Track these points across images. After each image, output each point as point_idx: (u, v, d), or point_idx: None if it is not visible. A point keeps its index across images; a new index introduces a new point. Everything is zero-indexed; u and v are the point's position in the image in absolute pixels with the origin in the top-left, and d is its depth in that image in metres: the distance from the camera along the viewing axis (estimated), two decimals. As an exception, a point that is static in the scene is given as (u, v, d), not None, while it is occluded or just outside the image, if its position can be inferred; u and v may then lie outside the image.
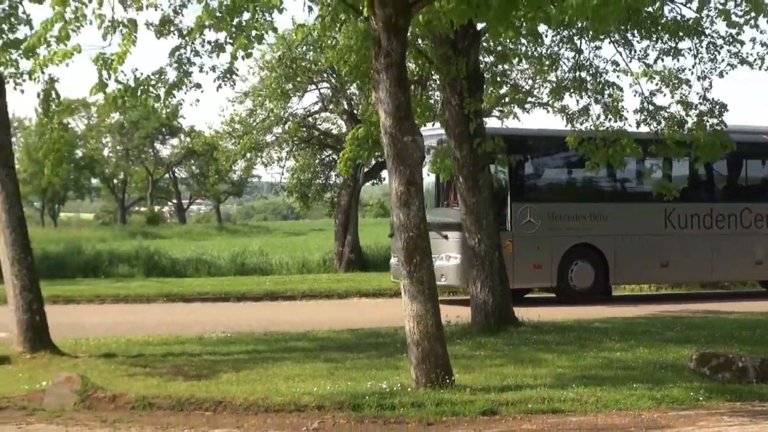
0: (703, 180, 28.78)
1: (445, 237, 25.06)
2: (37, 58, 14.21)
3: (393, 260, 27.80)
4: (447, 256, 25.06)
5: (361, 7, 13.44)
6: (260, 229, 74.06)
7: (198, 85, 15.20)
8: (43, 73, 15.47)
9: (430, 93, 28.09)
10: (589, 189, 27.47)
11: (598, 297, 26.15)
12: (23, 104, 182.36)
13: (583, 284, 26.25)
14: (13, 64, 16.01)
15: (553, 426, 11.04)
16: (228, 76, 15.81)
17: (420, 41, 19.37)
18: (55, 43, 13.82)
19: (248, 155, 40.65)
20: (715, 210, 27.72)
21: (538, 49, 20.46)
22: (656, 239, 27.04)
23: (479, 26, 18.11)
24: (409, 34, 14.09)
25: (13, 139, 18.37)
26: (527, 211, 24.88)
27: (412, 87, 19.02)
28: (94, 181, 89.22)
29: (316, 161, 41.69)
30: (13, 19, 16.67)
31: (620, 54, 19.98)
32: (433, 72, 20.79)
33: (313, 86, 39.75)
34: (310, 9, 16.17)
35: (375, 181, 43.21)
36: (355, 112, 36.73)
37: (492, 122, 30.41)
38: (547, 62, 20.86)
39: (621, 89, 20.06)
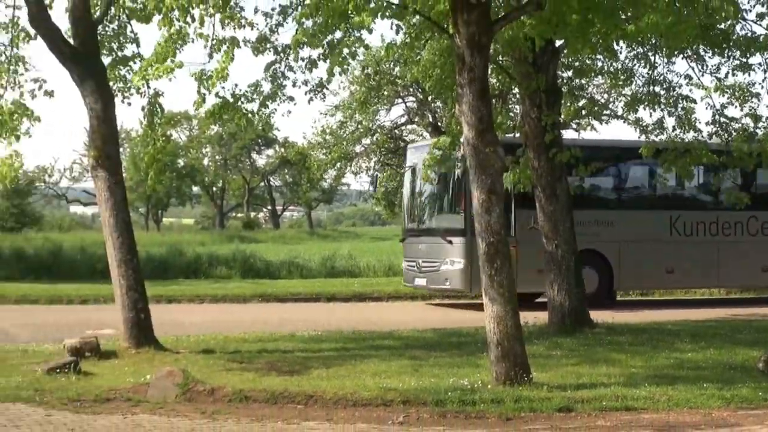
0: (710, 188, 27.68)
1: (450, 242, 24.75)
2: (143, 73, 14.46)
3: (404, 264, 27.56)
4: (451, 260, 24.71)
5: (445, 25, 13.45)
6: (349, 234, 74.23)
7: (291, 98, 15.33)
8: (148, 87, 15.76)
9: (509, 106, 28.02)
10: (593, 196, 26.56)
11: (602, 302, 25.19)
12: (129, 116, 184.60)
13: (588, 289, 25.41)
14: (121, 79, 16.26)
15: (626, 423, 10.94)
16: (318, 90, 15.88)
17: (501, 57, 19.31)
18: (161, 60, 14.08)
19: (338, 165, 40.87)
20: (722, 217, 26.89)
21: (614, 64, 20.31)
22: (662, 246, 26.25)
23: (558, 43, 18.02)
24: (491, 50, 14.05)
25: (120, 150, 18.61)
26: (531, 218, 24.26)
27: (493, 100, 18.95)
28: (195, 188, 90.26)
29: (402, 170, 41.77)
30: (121, 38, 16.95)
31: (693, 69, 19.76)
32: (513, 86, 20.73)
33: (400, 100, 39.88)
34: (399, 28, 16.20)
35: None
36: (439, 124, 36.70)
37: (569, 134, 30.18)
38: (623, 77, 20.70)
39: (694, 102, 19.83)
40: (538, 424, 10.87)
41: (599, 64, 20.76)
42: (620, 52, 19.05)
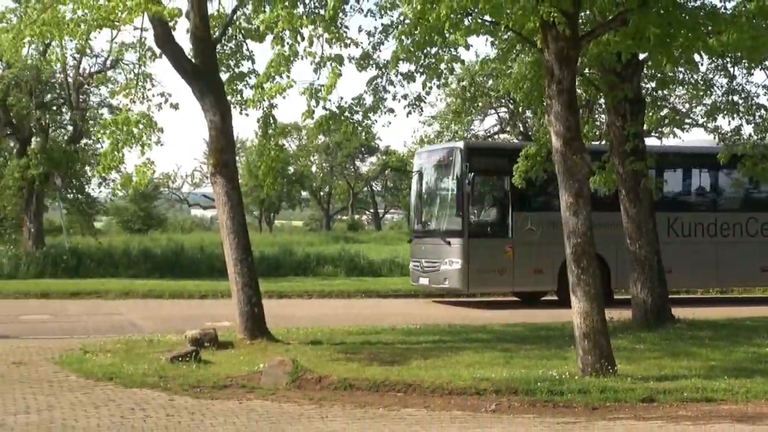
0: (709, 190, 26.69)
1: (448, 243, 24.16)
2: (259, 91, 14.66)
3: (411, 264, 27.12)
4: (450, 261, 24.08)
5: (535, 40, 13.38)
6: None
7: (391, 110, 15.40)
8: (263, 101, 15.96)
9: (595, 116, 27.71)
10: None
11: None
12: (245, 127, 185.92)
13: None
14: (238, 93, 16.46)
15: (706, 413, 10.80)
16: (416, 103, 15.88)
17: (587, 69, 19.12)
18: (276, 77, 14.27)
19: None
20: (720, 219, 25.86)
21: (695, 75, 20.01)
22: (660, 247, 25.12)
23: (642, 56, 17.78)
24: (578, 63, 13.93)
25: (236, 158, 18.81)
26: (527, 220, 23.39)
27: (580, 110, 18.79)
28: (304, 193, 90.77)
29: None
30: (238, 56, 17.16)
31: (770, 79, 19.42)
32: (599, 97, 20.52)
33: (493, 110, 39.73)
34: (493, 44, 16.17)
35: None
36: (529, 133, 36.45)
37: (650, 141, 29.64)
38: (703, 87, 20.40)
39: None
40: (622, 414, 10.78)
41: (681, 75, 20.42)
42: (701, 64, 18.77)
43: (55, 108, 37.32)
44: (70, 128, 36.61)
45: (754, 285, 28.52)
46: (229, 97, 16.38)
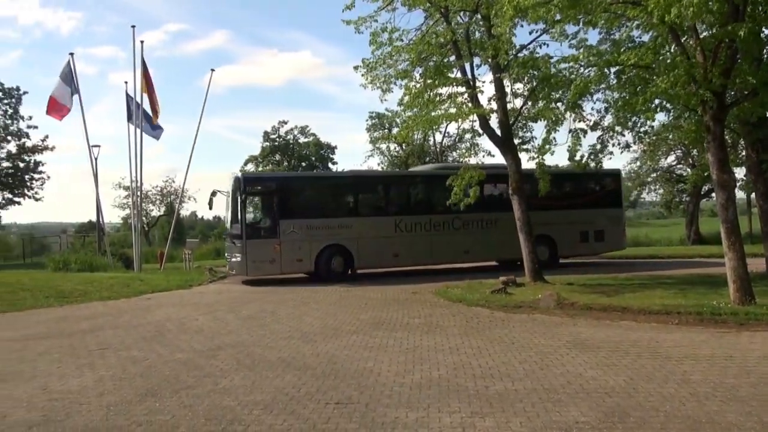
0: (424, 199, 20.57)
1: (234, 243, 19.48)
2: (542, 151, 14.35)
3: (226, 257, 21.90)
4: (235, 255, 19.37)
5: (697, 109, 12.16)
6: (641, 224, 68.54)
7: (611, 153, 14.78)
8: (541, 155, 15.53)
9: (738, 152, 24.65)
10: (336, 208, 19.69)
11: (347, 277, 19.38)
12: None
13: (338, 270, 19.30)
14: (525, 150, 16.13)
15: (818, 329, 9.32)
16: (626, 147, 14.94)
17: (732, 124, 17.02)
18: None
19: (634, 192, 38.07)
20: (433, 219, 20.01)
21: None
22: (389, 239, 19.70)
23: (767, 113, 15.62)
24: (725, 121, 12.48)
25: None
26: (290, 225, 18.84)
27: (728, 149, 16.73)
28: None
29: (674, 189, 38.09)
30: (524, 129, 16.91)
31: None
32: (739, 139, 18.21)
33: (672, 152, 36.50)
34: (669, 110, 14.93)
35: (707, 199, 38.56)
36: (696, 164, 33.08)
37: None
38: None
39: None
40: (759, 328, 9.58)
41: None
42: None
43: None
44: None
45: (461, 262, 21.26)
46: (519, 153, 16.17)
